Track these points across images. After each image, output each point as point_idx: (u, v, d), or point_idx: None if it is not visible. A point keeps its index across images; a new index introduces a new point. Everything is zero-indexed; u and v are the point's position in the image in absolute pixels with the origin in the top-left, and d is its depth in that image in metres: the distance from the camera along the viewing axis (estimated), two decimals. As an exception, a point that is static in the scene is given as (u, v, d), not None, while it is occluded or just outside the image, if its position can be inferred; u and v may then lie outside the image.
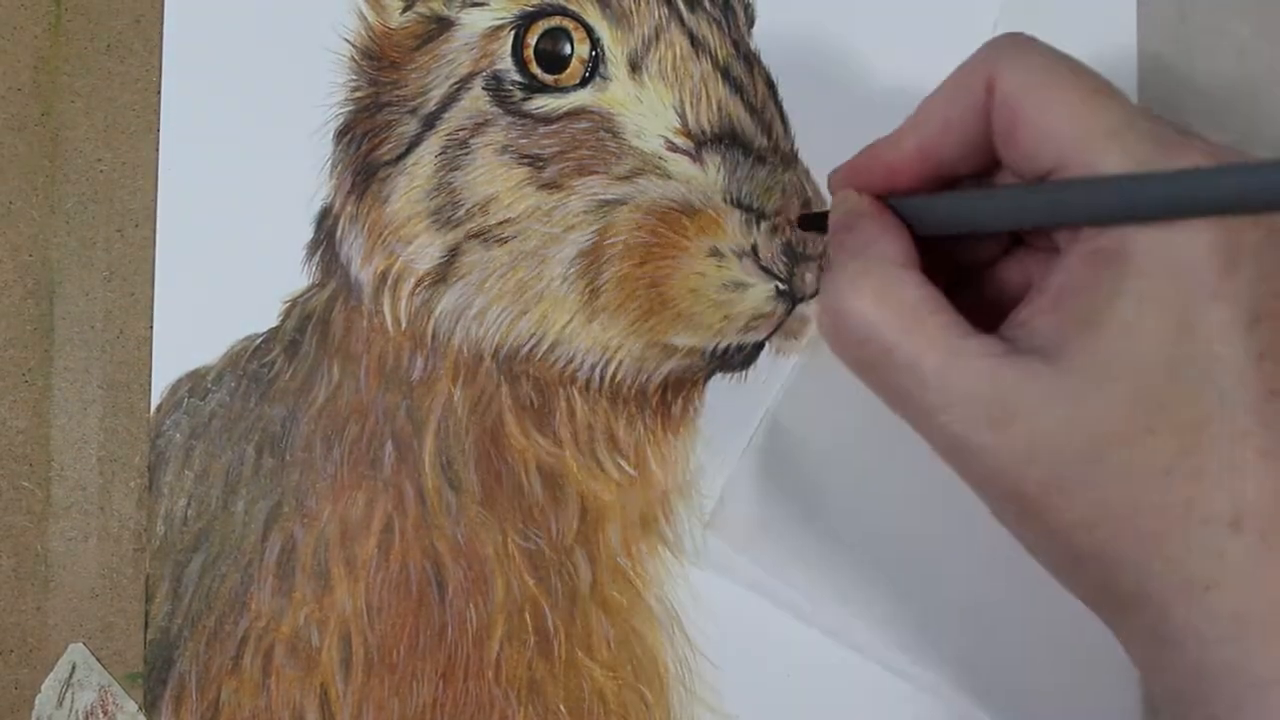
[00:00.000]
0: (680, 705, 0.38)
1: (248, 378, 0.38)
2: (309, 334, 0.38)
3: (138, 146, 0.38)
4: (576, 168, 0.37)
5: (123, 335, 0.38)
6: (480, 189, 0.37)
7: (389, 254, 0.38)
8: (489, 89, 0.37)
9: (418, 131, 0.37)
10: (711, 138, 0.36)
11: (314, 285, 0.38)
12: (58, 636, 0.37)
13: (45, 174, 0.38)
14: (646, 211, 0.36)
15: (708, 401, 0.38)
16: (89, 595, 0.37)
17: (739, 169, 0.36)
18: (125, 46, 0.38)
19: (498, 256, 0.37)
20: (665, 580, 0.38)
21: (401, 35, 0.38)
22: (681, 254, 0.36)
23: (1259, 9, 0.39)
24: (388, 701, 0.37)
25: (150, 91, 0.38)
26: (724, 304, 0.36)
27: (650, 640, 0.38)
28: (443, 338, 0.38)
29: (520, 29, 0.37)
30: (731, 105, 0.37)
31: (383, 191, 0.38)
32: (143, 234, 0.38)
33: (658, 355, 0.37)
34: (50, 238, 0.38)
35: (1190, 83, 0.39)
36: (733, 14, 0.38)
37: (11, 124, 0.38)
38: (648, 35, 0.37)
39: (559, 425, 0.38)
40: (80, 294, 0.38)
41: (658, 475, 0.38)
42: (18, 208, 0.38)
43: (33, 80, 0.38)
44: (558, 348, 0.37)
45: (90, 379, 0.38)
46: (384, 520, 0.37)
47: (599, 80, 0.37)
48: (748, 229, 0.36)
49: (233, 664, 0.37)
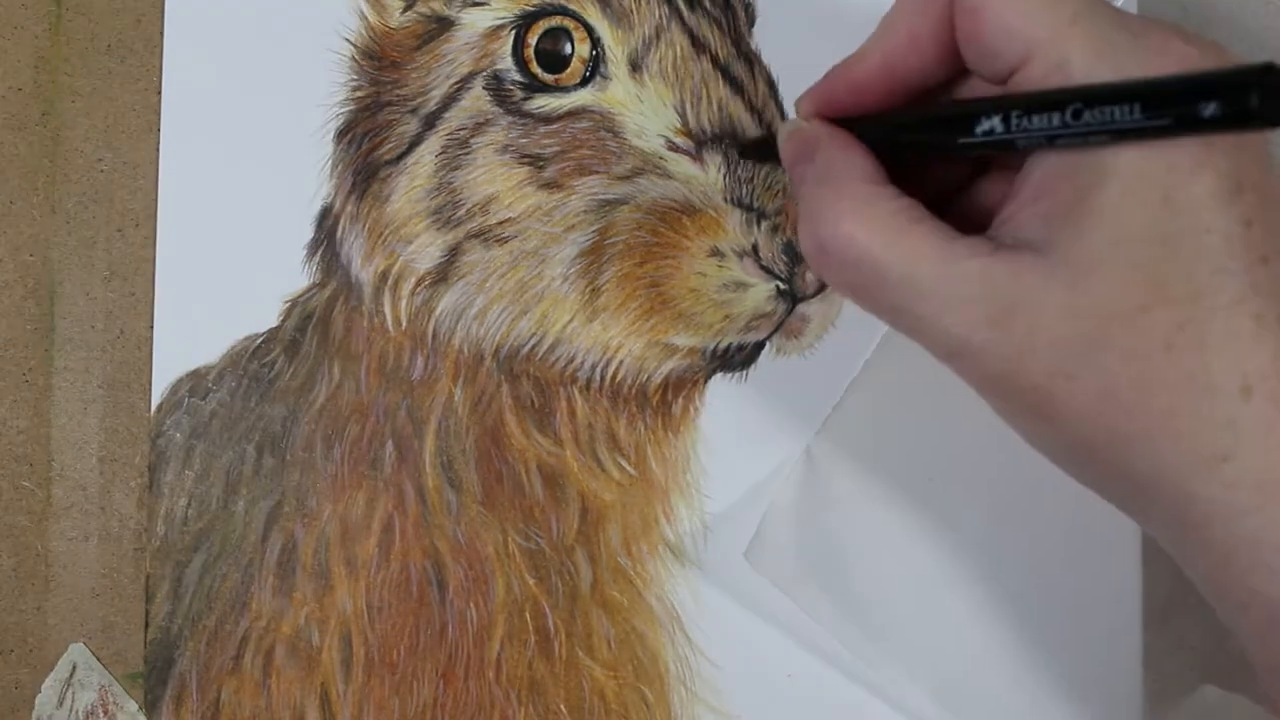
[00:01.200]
0: (681, 705, 0.38)
1: (248, 377, 0.38)
2: (309, 334, 0.38)
3: (138, 146, 0.38)
4: (577, 167, 0.37)
5: (123, 335, 0.38)
6: (481, 189, 0.37)
7: (389, 254, 0.38)
8: (489, 89, 0.37)
9: (418, 131, 0.37)
10: (712, 137, 0.36)
11: (314, 285, 0.38)
12: (58, 636, 0.37)
13: (45, 174, 0.38)
14: (647, 211, 0.36)
15: (708, 401, 0.38)
16: (89, 595, 0.37)
17: (740, 168, 0.36)
18: (125, 46, 0.38)
19: (498, 256, 0.37)
20: (666, 580, 0.38)
21: (402, 35, 0.38)
22: (682, 253, 0.36)
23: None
24: (388, 701, 0.37)
25: (150, 91, 0.38)
26: (725, 303, 0.36)
27: (651, 640, 0.38)
28: (443, 337, 0.38)
29: (521, 29, 0.37)
30: (732, 105, 0.37)
31: (383, 191, 0.38)
32: (143, 234, 0.38)
33: (658, 355, 0.37)
34: (50, 238, 0.38)
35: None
36: (733, 13, 0.38)
37: (11, 124, 0.38)
38: (648, 35, 0.37)
39: (560, 425, 0.38)
40: (80, 294, 0.38)
41: (658, 475, 0.38)
42: (18, 208, 0.38)
43: (33, 80, 0.38)
44: (558, 347, 0.37)
45: (90, 379, 0.38)
46: (384, 520, 0.37)
47: (599, 80, 0.37)
48: (748, 228, 0.36)
49: (233, 664, 0.37)
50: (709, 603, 0.38)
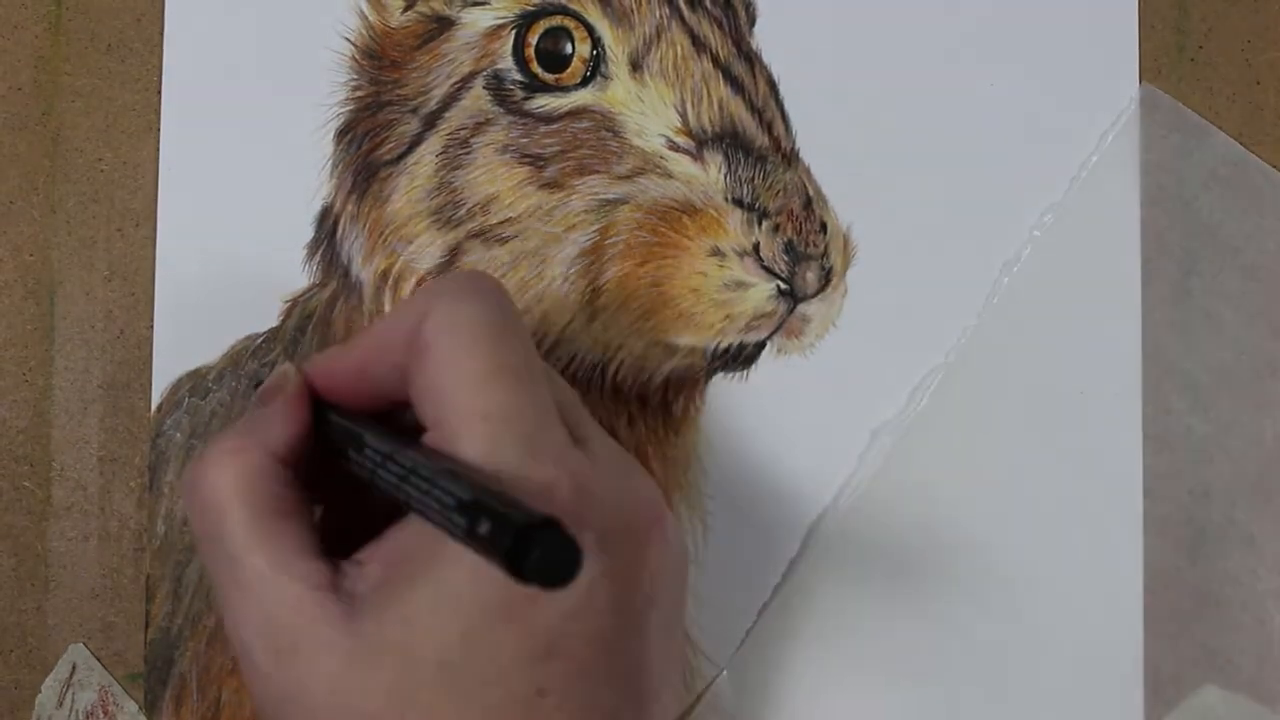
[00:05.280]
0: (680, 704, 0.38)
1: (248, 377, 0.38)
2: (309, 334, 0.38)
3: (138, 146, 0.38)
4: (578, 167, 0.37)
5: (123, 335, 0.38)
6: (481, 188, 0.37)
7: (390, 254, 0.38)
8: (490, 88, 0.37)
9: (419, 131, 0.37)
10: (713, 137, 0.37)
11: (314, 285, 0.38)
12: (58, 636, 0.37)
13: (45, 174, 0.38)
14: (648, 211, 0.36)
15: (709, 401, 0.38)
16: (89, 595, 0.37)
17: (740, 168, 0.36)
18: (125, 46, 0.38)
19: (499, 256, 0.37)
20: (666, 580, 0.38)
21: (402, 34, 0.38)
22: (683, 253, 0.36)
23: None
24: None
25: (150, 91, 0.38)
26: (725, 303, 0.36)
27: (651, 640, 0.38)
28: (444, 337, 0.38)
29: (521, 28, 0.37)
30: (733, 104, 0.37)
31: (383, 191, 0.38)
32: (143, 234, 0.38)
33: (659, 355, 0.37)
34: (50, 238, 0.38)
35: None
36: (734, 13, 0.38)
37: (11, 124, 0.38)
38: (649, 34, 0.37)
39: (560, 425, 0.38)
40: (80, 294, 0.38)
41: (659, 475, 0.38)
42: (18, 208, 0.38)
43: (33, 80, 0.38)
44: (559, 347, 0.37)
45: (90, 379, 0.38)
46: (385, 520, 0.37)
47: (600, 79, 0.37)
48: (749, 228, 0.36)
49: (233, 664, 0.37)
50: (709, 603, 0.38)
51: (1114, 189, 0.38)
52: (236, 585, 0.26)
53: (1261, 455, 0.38)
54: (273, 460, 0.27)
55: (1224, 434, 0.38)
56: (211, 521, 0.27)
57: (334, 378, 0.29)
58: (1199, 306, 0.38)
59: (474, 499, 0.22)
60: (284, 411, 0.28)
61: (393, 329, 0.28)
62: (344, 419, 0.29)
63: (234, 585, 0.26)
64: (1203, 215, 0.38)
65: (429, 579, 0.24)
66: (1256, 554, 0.38)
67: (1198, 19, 0.39)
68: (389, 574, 0.25)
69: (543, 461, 0.25)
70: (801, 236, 0.36)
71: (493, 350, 0.26)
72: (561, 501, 0.25)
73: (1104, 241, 0.38)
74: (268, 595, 0.25)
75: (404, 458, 0.25)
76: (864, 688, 0.38)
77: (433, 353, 0.26)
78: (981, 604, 0.38)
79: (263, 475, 0.27)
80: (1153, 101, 0.39)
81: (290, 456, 0.28)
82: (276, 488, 0.27)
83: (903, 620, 0.38)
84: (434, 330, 0.26)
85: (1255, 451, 0.38)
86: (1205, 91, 0.39)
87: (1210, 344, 0.38)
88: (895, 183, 0.38)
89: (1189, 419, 0.38)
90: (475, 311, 0.26)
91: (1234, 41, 0.39)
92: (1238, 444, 0.38)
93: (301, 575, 0.25)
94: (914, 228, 0.38)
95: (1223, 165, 0.39)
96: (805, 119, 0.38)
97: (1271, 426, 0.38)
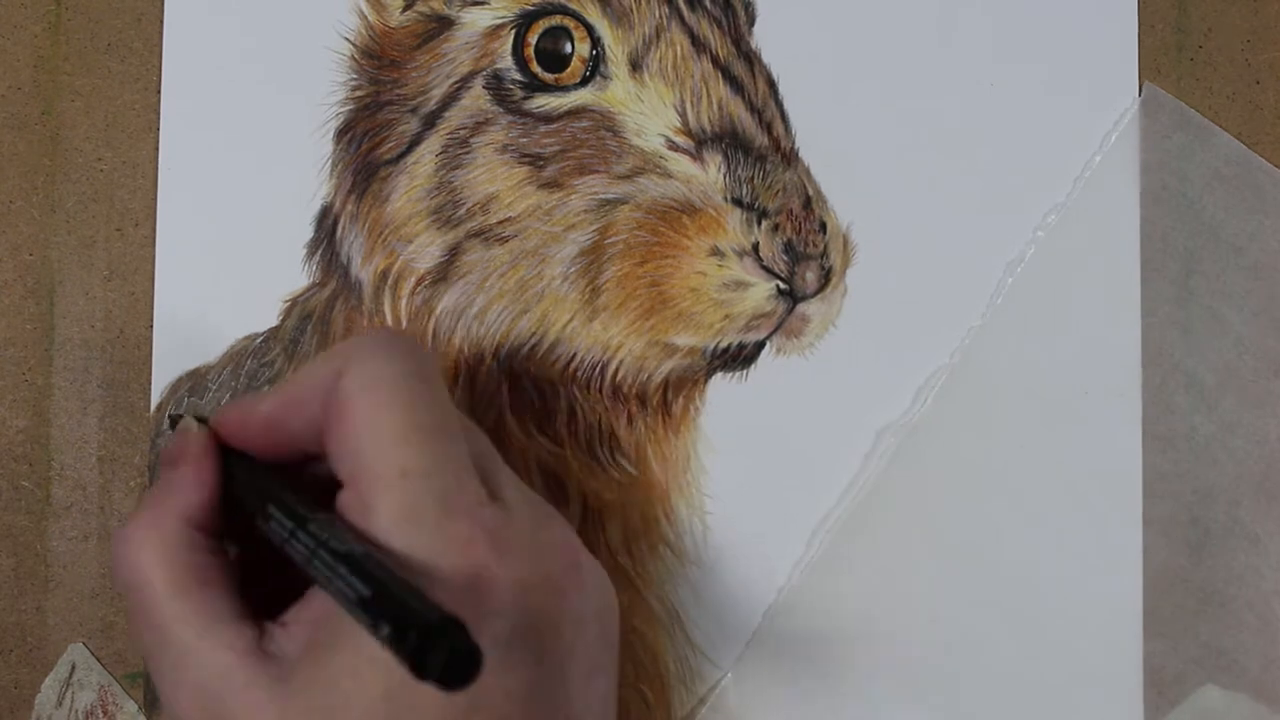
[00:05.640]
0: (680, 705, 0.38)
1: (248, 377, 0.38)
2: (309, 333, 0.38)
3: (138, 146, 0.38)
4: (577, 167, 0.37)
5: (123, 335, 0.38)
6: (481, 188, 0.37)
7: (389, 253, 0.38)
8: (490, 88, 0.37)
9: (418, 130, 0.37)
10: (712, 137, 0.36)
11: (314, 285, 0.38)
12: (58, 636, 0.37)
13: (45, 174, 0.38)
14: (647, 210, 0.36)
15: (709, 401, 0.38)
16: (89, 595, 0.37)
17: (740, 168, 0.36)
18: (125, 46, 0.38)
19: (498, 255, 0.37)
20: (666, 580, 0.38)
21: (402, 34, 0.38)
22: (682, 253, 0.36)
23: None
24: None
25: (150, 91, 0.38)
26: (725, 303, 0.36)
27: (651, 640, 0.38)
28: (443, 337, 0.38)
29: (521, 28, 0.37)
30: (732, 104, 0.37)
31: (383, 191, 0.38)
32: (143, 234, 0.38)
33: (658, 354, 0.37)
34: (50, 237, 0.38)
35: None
36: (733, 13, 0.38)
37: (11, 124, 0.38)
38: (648, 34, 0.37)
39: (560, 424, 0.38)
40: (80, 294, 0.38)
41: (658, 474, 0.38)
42: (18, 207, 0.38)
43: (33, 80, 0.38)
44: (559, 347, 0.37)
45: (90, 379, 0.38)
46: (384, 520, 0.37)
47: (599, 79, 0.37)
48: (748, 228, 0.36)
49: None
50: (709, 603, 0.38)
51: (1117, 188, 0.38)
52: (166, 657, 0.26)
53: (1265, 454, 0.38)
54: (187, 528, 0.27)
55: (1228, 433, 0.38)
56: (135, 597, 0.27)
57: (247, 429, 0.29)
58: (1202, 306, 0.38)
59: (376, 594, 0.23)
60: (191, 477, 0.29)
61: (309, 383, 0.28)
62: (254, 474, 0.29)
63: (164, 657, 0.26)
64: (1206, 215, 0.38)
65: (348, 644, 0.25)
66: (1261, 553, 0.38)
67: (1197, 18, 0.39)
68: (313, 636, 0.26)
69: (458, 519, 0.25)
70: (801, 236, 0.36)
71: (410, 408, 0.26)
72: (478, 556, 0.25)
73: (1107, 241, 0.38)
74: (196, 664, 0.26)
75: (312, 530, 0.25)
76: (867, 688, 0.38)
77: (350, 409, 0.26)
78: (984, 603, 0.38)
79: (180, 545, 0.27)
80: (1155, 101, 0.38)
81: (205, 520, 0.28)
82: (195, 556, 0.27)
83: (905, 620, 0.38)
84: (351, 386, 0.26)
85: (1259, 451, 0.38)
86: (1205, 91, 0.39)
87: (1214, 343, 0.38)
88: (895, 183, 0.38)
89: (1193, 418, 0.38)
90: (393, 369, 0.27)
91: (1234, 41, 0.39)
92: (1241, 443, 0.38)
93: (227, 643, 0.26)
94: (914, 228, 0.38)
95: (1225, 164, 0.38)
96: (805, 119, 0.38)
97: (1275, 426, 0.38)
